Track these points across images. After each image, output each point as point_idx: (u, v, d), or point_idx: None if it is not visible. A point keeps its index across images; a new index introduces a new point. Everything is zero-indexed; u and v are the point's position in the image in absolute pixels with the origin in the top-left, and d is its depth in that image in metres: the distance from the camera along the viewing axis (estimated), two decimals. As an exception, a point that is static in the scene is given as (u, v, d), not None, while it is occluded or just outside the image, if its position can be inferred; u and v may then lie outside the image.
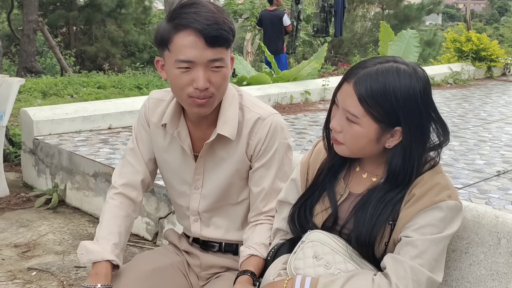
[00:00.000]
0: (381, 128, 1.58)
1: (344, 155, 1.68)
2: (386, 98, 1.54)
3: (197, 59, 1.73)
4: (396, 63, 1.59)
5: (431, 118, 1.62)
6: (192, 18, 1.72)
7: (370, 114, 1.56)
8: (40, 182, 4.82)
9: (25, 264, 3.45)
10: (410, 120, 1.57)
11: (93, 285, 1.78)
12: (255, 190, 1.96)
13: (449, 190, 1.61)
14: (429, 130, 1.63)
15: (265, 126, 1.91)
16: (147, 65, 18.10)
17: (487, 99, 8.90)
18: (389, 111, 1.55)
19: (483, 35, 12.34)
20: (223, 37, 1.73)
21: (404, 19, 21.88)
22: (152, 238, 3.87)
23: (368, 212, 1.62)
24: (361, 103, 1.56)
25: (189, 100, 1.80)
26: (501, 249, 1.77)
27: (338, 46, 20.04)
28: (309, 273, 1.63)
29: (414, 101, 1.56)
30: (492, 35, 24.23)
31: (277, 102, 7.78)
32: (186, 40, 1.72)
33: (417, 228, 1.57)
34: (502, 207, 3.70)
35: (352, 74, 1.59)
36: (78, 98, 8.59)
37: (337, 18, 13.11)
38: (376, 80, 1.55)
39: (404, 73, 1.57)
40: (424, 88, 1.59)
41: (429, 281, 1.55)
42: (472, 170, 4.61)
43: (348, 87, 1.58)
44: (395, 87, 1.54)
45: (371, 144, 1.61)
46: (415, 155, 1.60)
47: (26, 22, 14.38)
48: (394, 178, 1.62)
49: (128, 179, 2.03)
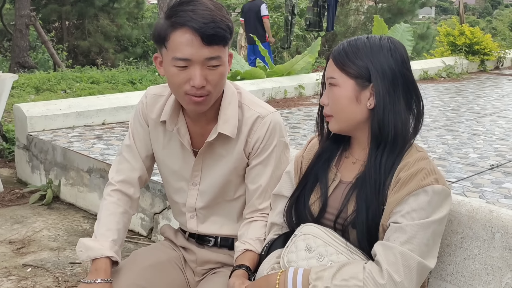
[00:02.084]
0: (357, 84, 1.67)
1: (334, 129, 1.75)
2: (357, 54, 1.68)
3: (194, 57, 1.73)
4: (368, 35, 1.75)
5: (406, 80, 1.69)
6: (189, 17, 1.71)
7: (344, 71, 1.68)
8: (34, 178, 4.81)
9: (20, 260, 3.45)
10: (382, 73, 1.66)
11: (93, 280, 1.80)
12: (251, 187, 1.98)
13: (435, 175, 1.62)
14: (405, 91, 1.69)
15: (264, 125, 1.93)
16: (140, 60, 18.06)
17: (481, 92, 8.93)
18: (359, 64, 1.67)
19: (476, 29, 12.37)
20: (219, 35, 1.73)
21: (397, 12, 21.88)
22: (147, 233, 3.87)
23: (367, 195, 1.64)
24: (336, 64, 1.70)
25: (186, 97, 1.80)
26: (496, 243, 1.79)
27: (331, 40, 20.02)
28: (302, 265, 1.64)
29: (384, 56, 1.67)
30: (485, 28, 24.30)
31: (271, 96, 7.78)
32: (182, 38, 1.72)
33: (405, 213, 1.58)
34: (495, 200, 3.72)
35: (330, 52, 1.76)
36: (71, 93, 8.56)
37: (329, 12, 13.09)
38: (349, 43, 1.72)
39: (375, 37, 1.72)
40: (395, 47, 1.70)
41: (419, 266, 1.55)
42: (466, 164, 4.63)
43: (329, 61, 1.74)
44: (365, 44, 1.69)
45: (352, 104, 1.68)
46: (393, 113, 1.65)
47: (18, 17, 14.31)
48: (378, 140, 1.66)
49: (125, 176, 2.03)
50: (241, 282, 1.74)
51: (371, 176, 1.65)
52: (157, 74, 10.33)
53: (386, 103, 1.65)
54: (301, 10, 16.80)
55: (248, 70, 8.51)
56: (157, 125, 2.00)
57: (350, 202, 1.68)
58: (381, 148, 1.67)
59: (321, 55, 14.28)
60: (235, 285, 1.73)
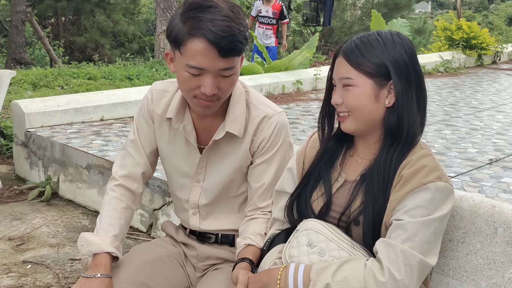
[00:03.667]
0: (376, 83, 1.65)
1: (351, 130, 1.71)
2: (372, 52, 1.64)
3: (208, 67, 1.71)
4: (377, 31, 1.73)
5: (418, 76, 1.69)
6: (207, 27, 1.67)
7: (362, 70, 1.64)
8: (33, 175, 4.80)
9: (19, 257, 3.44)
10: (399, 70, 1.64)
11: (92, 275, 1.80)
12: (254, 185, 1.98)
13: (438, 171, 1.62)
14: (417, 86, 1.69)
15: (271, 125, 1.93)
16: (137, 56, 17.99)
17: (478, 87, 8.94)
18: (377, 63, 1.64)
19: (473, 23, 12.38)
20: (237, 49, 1.71)
21: (394, 7, 21.84)
22: (146, 229, 3.87)
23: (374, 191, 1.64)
24: (351, 63, 1.65)
25: (194, 99, 1.80)
26: (498, 238, 1.79)
27: (328, 35, 19.98)
28: (303, 260, 1.64)
29: (399, 53, 1.66)
30: (481, 23, 24.29)
31: (269, 92, 7.77)
32: (199, 47, 1.69)
33: (407, 211, 1.58)
34: (495, 195, 3.72)
35: (339, 49, 1.71)
36: (68, 89, 8.53)
37: (326, 7, 13.08)
38: (361, 40, 1.67)
39: (385, 33, 1.70)
40: (406, 43, 1.68)
41: (421, 264, 1.55)
42: (465, 159, 4.64)
43: (339, 59, 1.69)
44: (379, 40, 1.66)
45: (371, 103, 1.65)
46: (408, 110, 1.65)
47: (14, 13, 14.26)
48: (393, 137, 1.66)
49: (129, 171, 2.03)
50: (245, 272, 1.74)
51: (380, 172, 1.65)
52: (155, 70, 10.30)
53: (404, 100, 1.65)
54: (298, 5, 16.78)
55: (246, 66, 8.50)
56: (163, 121, 2.00)
57: (356, 199, 1.68)
58: (394, 146, 1.66)
59: (318, 50, 14.27)
60: (239, 274, 1.73)
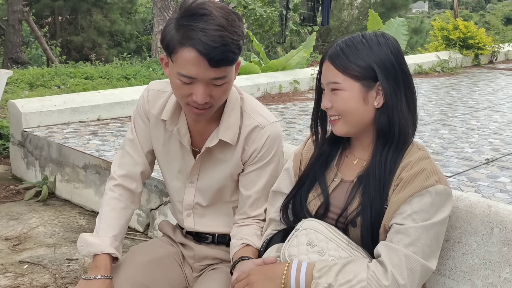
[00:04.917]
0: (364, 86, 1.65)
1: (342, 132, 1.72)
2: (358, 55, 1.65)
3: (199, 76, 1.70)
4: (361, 33, 1.73)
5: (405, 76, 1.69)
6: (197, 38, 1.64)
7: (348, 74, 1.65)
8: (30, 175, 4.79)
9: (16, 257, 3.44)
10: (386, 71, 1.65)
11: (93, 276, 1.81)
12: (245, 193, 1.98)
13: (437, 175, 1.62)
14: (405, 86, 1.69)
15: (263, 135, 1.92)
16: (134, 55, 17.97)
17: (475, 87, 8.94)
18: (363, 65, 1.64)
19: (470, 23, 12.38)
20: (228, 59, 1.69)
21: (391, 6, 21.84)
22: (143, 229, 3.87)
23: (371, 193, 1.64)
24: (337, 67, 1.66)
25: (187, 107, 1.80)
26: (494, 238, 1.79)
27: (325, 35, 19.97)
28: (303, 259, 1.64)
29: (384, 54, 1.66)
30: (478, 23, 24.32)
31: (266, 91, 7.77)
32: (189, 56, 1.67)
33: (408, 215, 1.58)
34: (491, 195, 3.73)
35: (325, 53, 1.72)
36: (65, 89, 8.51)
37: (324, 7, 13.06)
38: (346, 44, 1.68)
39: (370, 35, 1.70)
40: (391, 43, 1.69)
41: (423, 269, 1.57)
42: (461, 158, 4.64)
43: (325, 64, 1.70)
44: (363, 42, 1.67)
45: (360, 105, 1.66)
46: (398, 110, 1.65)
47: (11, 12, 14.25)
48: (384, 138, 1.66)
49: (128, 170, 2.03)
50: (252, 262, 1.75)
51: (375, 174, 1.65)
52: (152, 69, 10.29)
53: (394, 100, 1.66)
54: (295, 5, 16.77)
55: (243, 65, 8.49)
56: (158, 122, 2.00)
57: (353, 200, 1.68)
58: (387, 146, 1.67)
59: (315, 49, 14.25)
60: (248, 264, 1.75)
